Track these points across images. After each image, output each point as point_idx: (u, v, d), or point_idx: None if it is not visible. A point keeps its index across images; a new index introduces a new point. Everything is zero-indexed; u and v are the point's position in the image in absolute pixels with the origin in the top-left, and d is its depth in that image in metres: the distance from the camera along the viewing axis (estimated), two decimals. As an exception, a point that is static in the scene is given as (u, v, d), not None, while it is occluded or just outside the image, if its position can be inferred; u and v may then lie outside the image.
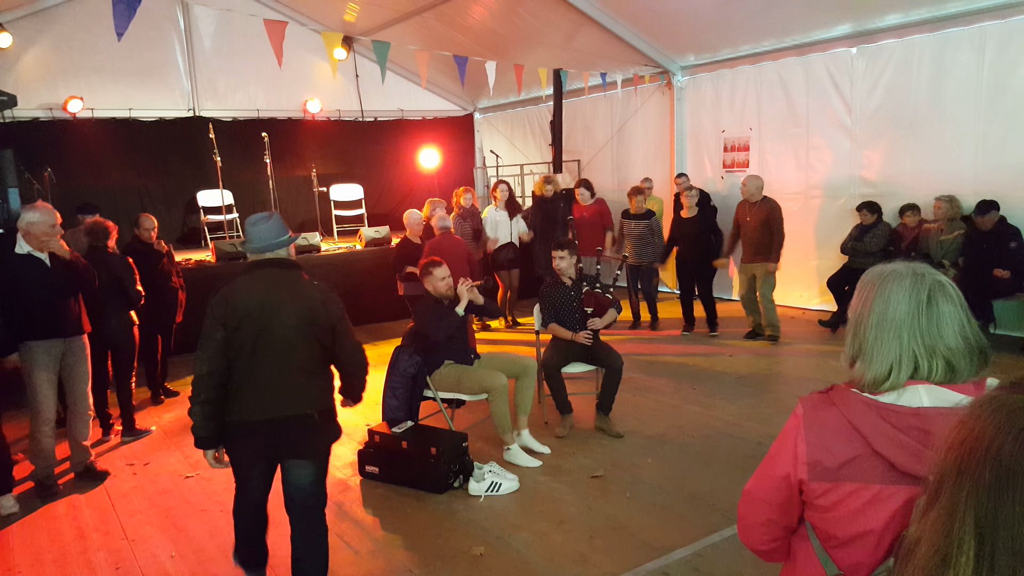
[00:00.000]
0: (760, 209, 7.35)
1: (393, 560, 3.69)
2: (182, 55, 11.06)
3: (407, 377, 4.88)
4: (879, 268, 1.52)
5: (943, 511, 0.95)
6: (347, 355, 3.24)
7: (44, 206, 4.64)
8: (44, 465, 4.70)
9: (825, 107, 8.37)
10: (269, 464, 3.21)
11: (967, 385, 1.40)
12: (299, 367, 3.11)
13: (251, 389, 3.08)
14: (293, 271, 3.19)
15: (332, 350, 3.20)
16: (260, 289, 3.09)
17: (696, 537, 3.72)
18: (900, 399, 1.41)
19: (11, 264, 4.56)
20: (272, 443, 3.12)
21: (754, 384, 6.30)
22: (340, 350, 3.21)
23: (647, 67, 9.92)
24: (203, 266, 8.64)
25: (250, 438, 3.12)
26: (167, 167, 11.06)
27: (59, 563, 3.84)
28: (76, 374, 4.80)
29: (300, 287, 3.16)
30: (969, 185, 7.06)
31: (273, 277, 3.14)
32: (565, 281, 5.47)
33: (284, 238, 3.22)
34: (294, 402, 3.11)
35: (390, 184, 12.98)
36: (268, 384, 3.07)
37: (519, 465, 4.73)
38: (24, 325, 4.55)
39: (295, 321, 3.08)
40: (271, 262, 3.17)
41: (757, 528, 1.62)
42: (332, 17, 11.22)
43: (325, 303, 3.15)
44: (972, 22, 6.97)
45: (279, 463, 3.21)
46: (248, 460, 3.17)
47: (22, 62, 9.83)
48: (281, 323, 3.06)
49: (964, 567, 0.90)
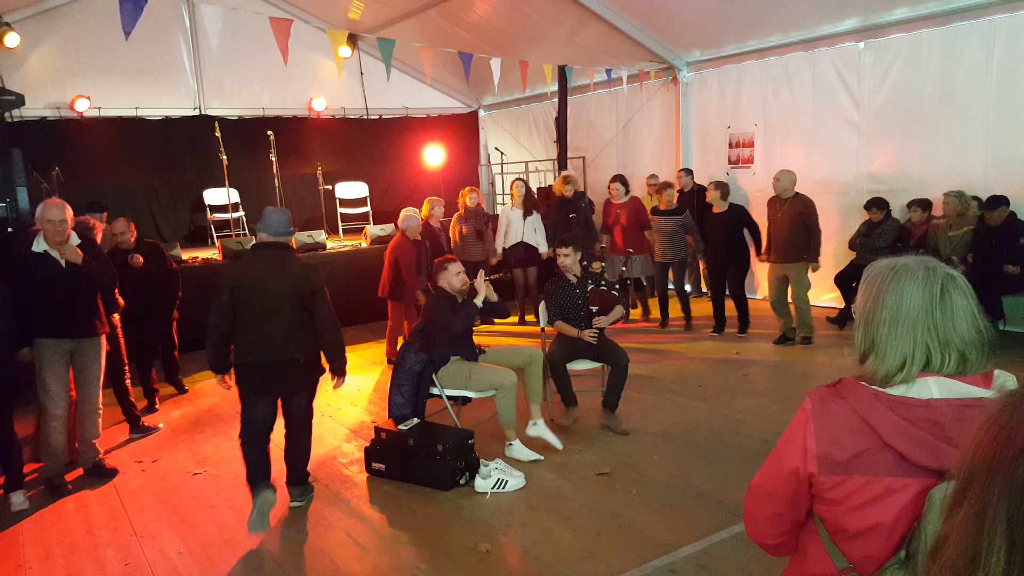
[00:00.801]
0: (792, 205, 7.03)
1: (400, 557, 3.70)
2: (188, 54, 11.09)
3: (413, 374, 4.88)
4: (887, 262, 1.51)
5: (973, 510, 0.93)
6: (321, 317, 4.16)
7: (53, 202, 4.66)
8: (54, 462, 4.73)
9: (832, 102, 8.33)
10: (272, 399, 4.16)
11: (975, 377, 1.40)
12: (288, 323, 4.06)
13: (253, 338, 4.05)
14: (287, 251, 4.20)
15: (312, 312, 4.12)
16: (260, 263, 4.11)
17: (703, 534, 3.71)
18: (910, 391, 1.40)
19: (25, 261, 4.59)
20: (271, 380, 4.09)
21: (761, 381, 6.28)
22: (317, 313, 4.14)
23: (652, 63, 9.89)
24: (210, 264, 8.67)
25: (253, 375, 4.09)
26: (173, 165, 11.11)
27: (68, 559, 3.86)
28: (86, 373, 4.82)
29: (290, 263, 4.14)
30: (978, 180, 7.02)
31: (272, 255, 4.14)
32: (570, 279, 5.47)
33: (287, 230, 4.25)
34: (285, 349, 4.06)
35: (395, 182, 13.00)
36: (265, 335, 4.03)
37: (521, 460, 4.73)
38: (36, 322, 4.57)
39: (285, 288, 4.05)
40: (273, 244, 4.16)
41: (765, 522, 1.61)
42: (337, 15, 11.23)
43: (307, 276, 4.12)
44: (981, 15, 6.93)
45: (279, 397, 4.17)
46: (253, 394, 4.11)
47: (30, 62, 9.87)
48: (274, 289, 4.04)
49: (994, 567, 0.88)
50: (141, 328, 6.31)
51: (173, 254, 8.54)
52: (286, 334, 4.06)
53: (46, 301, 4.58)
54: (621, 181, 8.42)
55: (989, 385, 1.39)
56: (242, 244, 8.88)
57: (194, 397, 6.66)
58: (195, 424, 5.94)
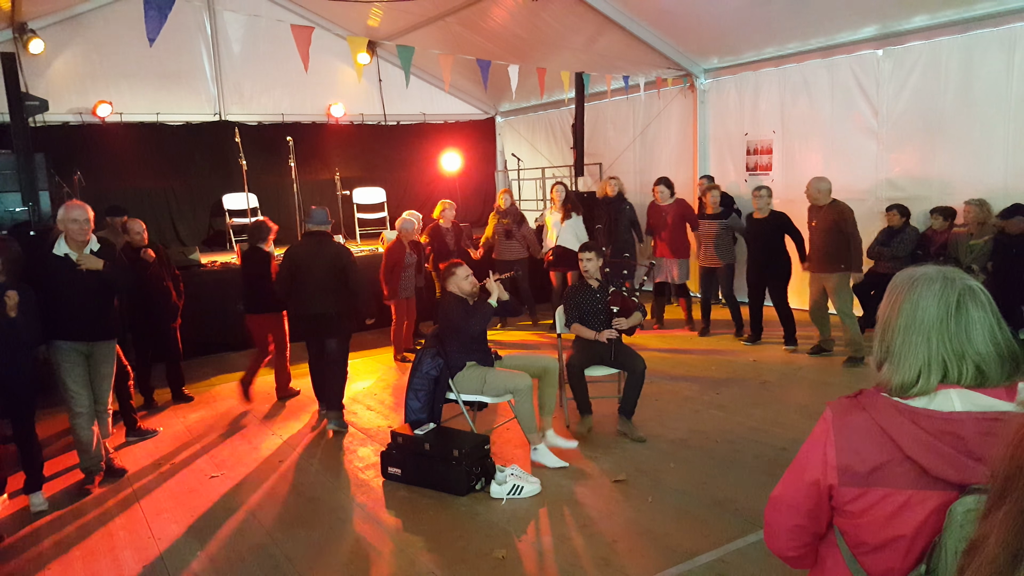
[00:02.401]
0: (828, 213, 6.74)
1: (415, 562, 3.70)
2: (209, 60, 11.20)
3: (429, 379, 4.90)
4: (909, 271, 1.51)
5: (1014, 509, 0.94)
6: (354, 282, 5.69)
7: (75, 203, 4.74)
8: (87, 456, 4.82)
9: (850, 110, 8.28)
10: (319, 341, 5.76)
11: (999, 390, 1.39)
12: (326, 287, 5.61)
13: (302, 297, 5.68)
14: (327, 236, 5.88)
15: (346, 279, 5.64)
16: (309, 245, 5.79)
17: (719, 542, 3.69)
18: (932, 403, 1.40)
19: (47, 263, 4.66)
20: (314, 327, 5.73)
21: (778, 388, 6.25)
22: (350, 279, 5.67)
23: (670, 70, 9.88)
24: (229, 268, 8.74)
25: (306, 322, 5.79)
26: (193, 170, 11.20)
27: (87, 560, 3.90)
28: (99, 374, 4.89)
29: (330, 245, 5.84)
30: (999, 188, 6.94)
31: (317, 239, 5.79)
32: (591, 283, 5.47)
33: (327, 222, 5.87)
34: (325, 305, 5.62)
35: (412, 187, 13.04)
36: (312, 295, 5.62)
37: (547, 466, 4.73)
38: (54, 324, 4.64)
39: (325, 262, 5.64)
40: (317, 232, 5.81)
41: (785, 534, 1.61)
42: (357, 22, 11.30)
43: (340, 253, 5.76)
44: (1001, 23, 6.86)
45: (322, 339, 5.70)
46: (307, 336, 5.88)
47: (53, 68, 10.01)
48: (319, 263, 5.64)
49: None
50: (144, 328, 6.44)
51: (192, 258, 8.63)
52: (324, 294, 5.58)
53: (64, 304, 4.64)
54: (665, 183, 8.33)
55: (1013, 398, 1.38)
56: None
57: (211, 400, 6.71)
58: (212, 427, 5.99)
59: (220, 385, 7.15)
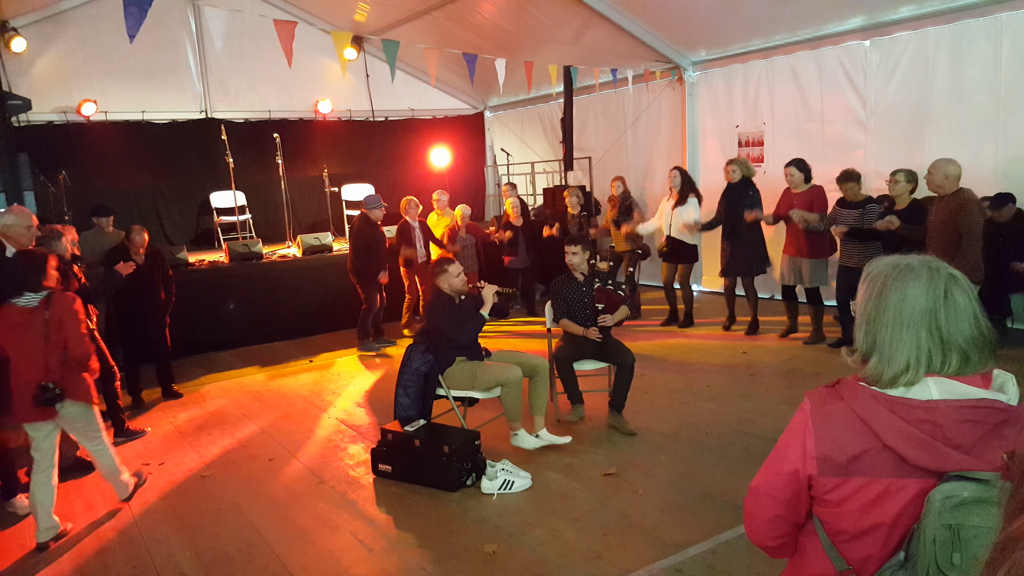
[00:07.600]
0: (948, 205, 5.55)
1: (406, 558, 3.70)
2: (194, 57, 11.13)
3: (419, 375, 4.89)
4: (890, 260, 1.50)
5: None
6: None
7: (18, 209, 4.68)
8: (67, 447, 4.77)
9: (839, 101, 8.29)
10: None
11: (974, 377, 1.39)
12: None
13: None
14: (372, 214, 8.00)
15: None
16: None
17: (710, 534, 3.70)
18: (909, 392, 1.40)
19: None
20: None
21: (768, 380, 6.26)
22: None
23: (658, 63, 9.87)
24: (216, 266, 8.70)
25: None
26: (180, 169, 11.13)
27: (75, 561, 3.87)
28: None
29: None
30: (988, 178, 6.96)
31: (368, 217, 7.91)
32: (577, 277, 5.46)
33: (377, 204, 7.88)
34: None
35: (401, 183, 12.98)
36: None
37: (526, 448, 4.80)
38: None
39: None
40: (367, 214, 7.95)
41: (765, 524, 1.61)
42: (342, 17, 11.24)
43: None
44: (988, 12, 6.88)
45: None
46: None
47: (36, 66, 9.92)
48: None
49: None
50: (137, 329, 6.42)
51: (180, 257, 8.58)
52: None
53: None
54: (798, 166, 6.96)
55: (988, 385, 1.38)
56: (248, 247, 8.87)
57: (201, 400, 6.68)
58: (202, 427, 5.95)
59: (209, 385, 7.11)
